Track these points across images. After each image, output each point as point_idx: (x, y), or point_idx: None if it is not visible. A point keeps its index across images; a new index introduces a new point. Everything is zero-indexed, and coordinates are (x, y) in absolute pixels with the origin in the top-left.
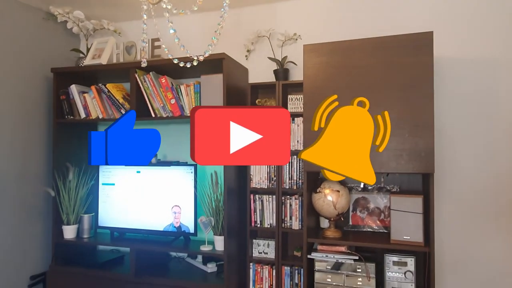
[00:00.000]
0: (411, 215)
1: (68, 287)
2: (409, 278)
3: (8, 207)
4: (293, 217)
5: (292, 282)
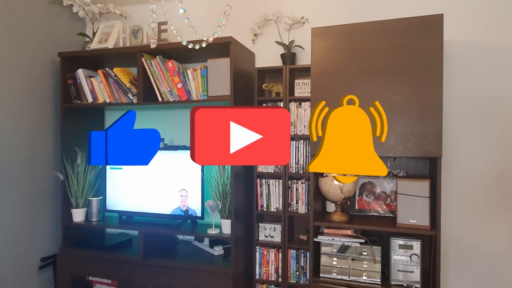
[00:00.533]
0: (417, 199)
1: (78, 269)
2: (414, 261)
3: (18, 191)
4: (299, 201)
5: (298, 265)
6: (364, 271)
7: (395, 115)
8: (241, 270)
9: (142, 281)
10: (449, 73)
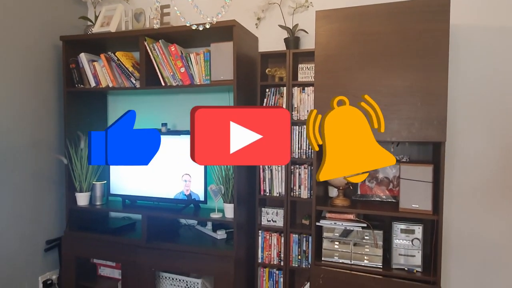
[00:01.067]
0: (420, 184)
1: (82, 252)
2: (416, 245)
3: (23, 174)
4: (302, 186)
5: (300, 249)
6: (366, 255)
7: (399, 100)
8: (244, 254)
9: (145, 264)
10: (455, 57)
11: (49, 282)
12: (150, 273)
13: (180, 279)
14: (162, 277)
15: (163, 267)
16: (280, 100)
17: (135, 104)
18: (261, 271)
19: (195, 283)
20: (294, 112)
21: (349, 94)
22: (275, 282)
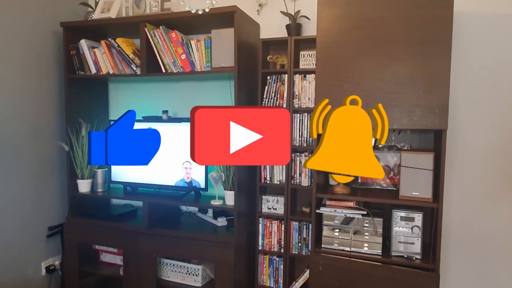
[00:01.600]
0: (421, 171)
1: (84, 238)
2: (415, 233)
3: (24, 161)
4: (302, 174)
5: (300, 237)
6: (365, 242)
7: (401, 87)
8: (244, 241)
9: (147, 250)
10: (458, 45)
11: (52, 267)
12: (151, 259)
13: (181, 265)
14: (163, 263)
15: (164, 253)
16: (281, 87)
17: (136, 91)
18: (262, 258)
19: (195, 269)
20: (295, 100)
21: (351, 81)
22: (275, 269)
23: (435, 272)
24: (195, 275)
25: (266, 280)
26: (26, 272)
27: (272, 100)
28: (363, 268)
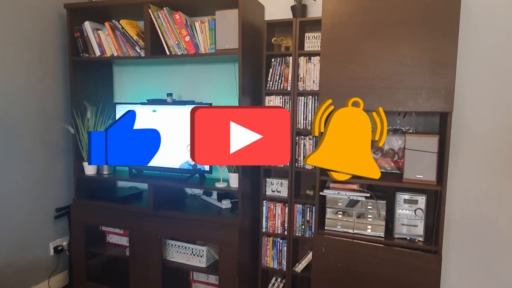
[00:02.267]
0: (425, 154)
1: (91, 219)
2: (419, 215)
3: (31, 144)
4: None
5: (304, 219)
6: (369, 225)
7: (407, 69)
8: (248, 223)
9: (152, 231)
10: (465, 26)
11: (60, 248)
12: (156, 240)
13: (186, 246)
14: (168, 244)
15: (169, 235)
16: (286, 70)
17: (141, 74)
18: (265, 240)
19: (200, 250)
20: (300, 83)
21: (356, 63)
22: (279, 251)
23: (437, 254)
24: (199, 256)
25: (270, 261)
26: (35, 252)
27: (276, 83)
28: (365, 250)
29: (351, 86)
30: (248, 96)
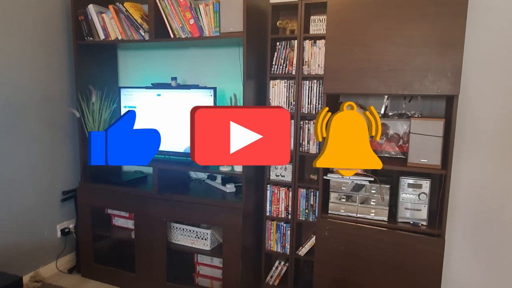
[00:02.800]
0: (430, 138)
1: (97, 202)
2: (422, 199)
3: (37, 127)
4: (310, 142)
5: (308, 204)
6: (372, 209)
7: (414, 51)
8: (252, 207)
9: (157, 214)
10: (474, 6)
11: (67, 230)
12: (161, 223)
13: (190, 229)
14: (173, 227)
15: (174, 218)
16: (290, 54)
17: (145, 58)
18: (269, 224)
19: (204, 233)
20: (305, 67)
21: (361, 45)
22: (282, 235)
23: (440, 238)
24: (204, 239)
25: (274, 245)
26: (43, 234)
27: (281, 66)
28: (369, 233)
29: (356, 69)
30: (253, 80)
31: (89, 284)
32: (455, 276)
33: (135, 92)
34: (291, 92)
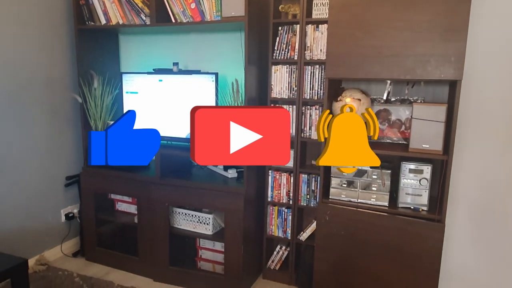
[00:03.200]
0: (432, 123)
1: (100, 187)
2: (423, 185)
3: (40, 112)
4: (312, 127)
5: (309, 189)
6: (373, 194)
7: (418, 36)
8: (254, 192)
9: (160, 199)
10: None
11: (71, 215)
12: (164, 208)
13: (193, 214)
14: (175, 212)
15: (176, 203)
16: (293, 38)
17: (147, 43)
18: (271, 209)
19: (206, 218)
20: (307, 52)
21: (364, 30)
22: (284, 220)
23: (440, 223)
24: (206, 224)
25: (275, 230)
26: (47, 219)
27: (283, 51)
28: (369, 218)
29: (358, 54)
30: (255, 65)
31: (94, 267)
32: (454, 260)
33: (136, 78)
34: (293, 78)
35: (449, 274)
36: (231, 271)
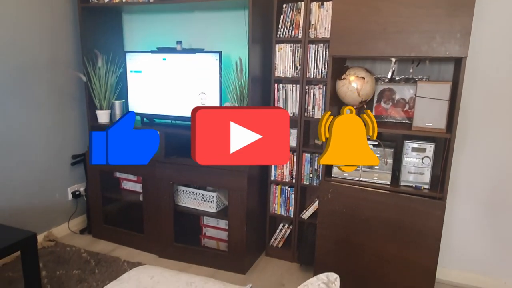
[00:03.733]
0: (436, 102)
1: (105, 166)
2: (426, 163)
3: (44, 92)
4: (316, 107)
5: (312, 168)
6: (375, 173)
7: (423, 12)
8: (257, 171)
9: (164, 177)
10: None
11: (77, 193)
12: (168, 186)
13: (197, 192)
14: (180, 190)
15: (180, 181)
16: (297, 16)
17: (150, 22)
18: (274, 188)
19: (210, 196)
20: (312, 30)
21: (369, 6)
22: (287, 198)
23: (442, 201)
24: (210, 202)
25: (278, 208)
26: (54, 196)
27: (287, 30)
28: (371, 195)
29: (363, 30)
30: (258, 44)
31: (100, 244)
32: (454, 237)
33: (140, 56)
34: (297, 56)
35: (449, 251)
36: (234, 248)
